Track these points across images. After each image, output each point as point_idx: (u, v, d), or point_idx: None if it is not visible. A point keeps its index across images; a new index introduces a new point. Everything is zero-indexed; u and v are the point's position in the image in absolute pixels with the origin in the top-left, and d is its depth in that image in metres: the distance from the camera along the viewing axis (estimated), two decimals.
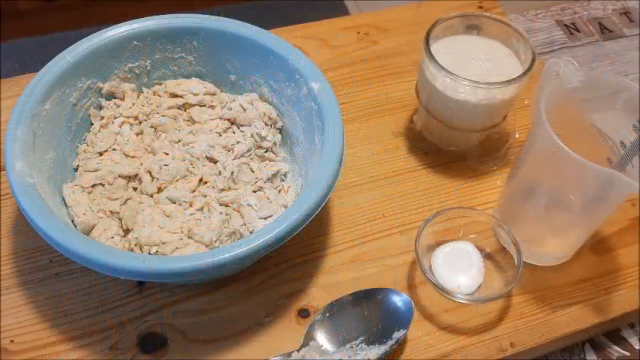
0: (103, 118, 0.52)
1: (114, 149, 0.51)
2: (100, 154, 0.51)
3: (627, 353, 0.55)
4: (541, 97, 0.45)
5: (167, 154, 0.51)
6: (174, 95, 0.54)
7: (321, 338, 0.47)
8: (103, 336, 0.47)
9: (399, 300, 0.48)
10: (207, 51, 0.55)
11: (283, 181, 0.54)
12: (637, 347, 0.55)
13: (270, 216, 0.48)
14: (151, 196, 0.49)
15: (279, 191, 0.52)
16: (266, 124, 0.54)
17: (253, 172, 0.52)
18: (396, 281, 0.51)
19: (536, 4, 0.88)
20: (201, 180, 0.50)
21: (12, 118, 0.45)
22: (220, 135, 0.53)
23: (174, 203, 0.48)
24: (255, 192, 0.51)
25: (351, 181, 0.58)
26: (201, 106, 0.55)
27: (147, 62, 0.54)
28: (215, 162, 0.51)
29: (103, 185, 0.49)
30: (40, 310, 0.48)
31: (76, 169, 0.51)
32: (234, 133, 0.54)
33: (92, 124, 0.52)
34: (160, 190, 0.49)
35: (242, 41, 0.53)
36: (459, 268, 0.51)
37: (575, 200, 0.49)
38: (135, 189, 0.50)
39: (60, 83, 0.48)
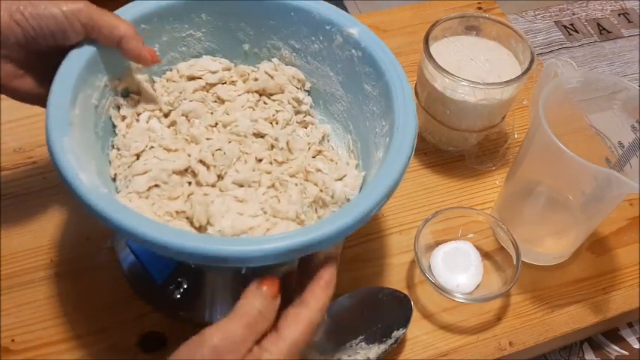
0: (125, 118, 0.47)
1: (151, 147, 0.46)
2: (137, 155, 0.45)
3: (626, 352, 0.55)
4: (540, 97, 0.45)
5: (210, 139, 0.46)
6: (191, 78, 0.50)
7: (321, 337, 0.47)
8: (103, 336, 0.47)
9: (398, 299, 0.48)
10: (217, 22, 0.50)
11: (329, 142, 0.51)
12: (635, 346, 0.55)
13: (344, 175, 0.46)
14: (213, 186, 0.45)
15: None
16: (296, 88, 0.51)
17: (302, 138, 0.49)
18: (395, 281, 0.52)
19: (535, 5, 0.88)
20: (256, 158, 0.47)
21: (50, 126, 0.39)
22: (254, 109, 0.50)
23: (242, 187, 0.45)
24: (313, 157, 0.48)
25: None
26: (222, 84, 0.51)
27: (155, 47, 0.48)
28: (263, 136, 0.48)
29: (158, 186, 0.44)
30: (41, 309, 0.48)
31: (113, 179, 0.45)
32: (266, 104, 0.50)
33: (115, 127, 0.47)
34: (219, 177, 0.45)
35: (255, 3, 0.49)
36: (458, 268, 0.51)
37: (574, 200, 0.49)
38: (190, 183, 0.45)
39: (82, 83, 0.43)
